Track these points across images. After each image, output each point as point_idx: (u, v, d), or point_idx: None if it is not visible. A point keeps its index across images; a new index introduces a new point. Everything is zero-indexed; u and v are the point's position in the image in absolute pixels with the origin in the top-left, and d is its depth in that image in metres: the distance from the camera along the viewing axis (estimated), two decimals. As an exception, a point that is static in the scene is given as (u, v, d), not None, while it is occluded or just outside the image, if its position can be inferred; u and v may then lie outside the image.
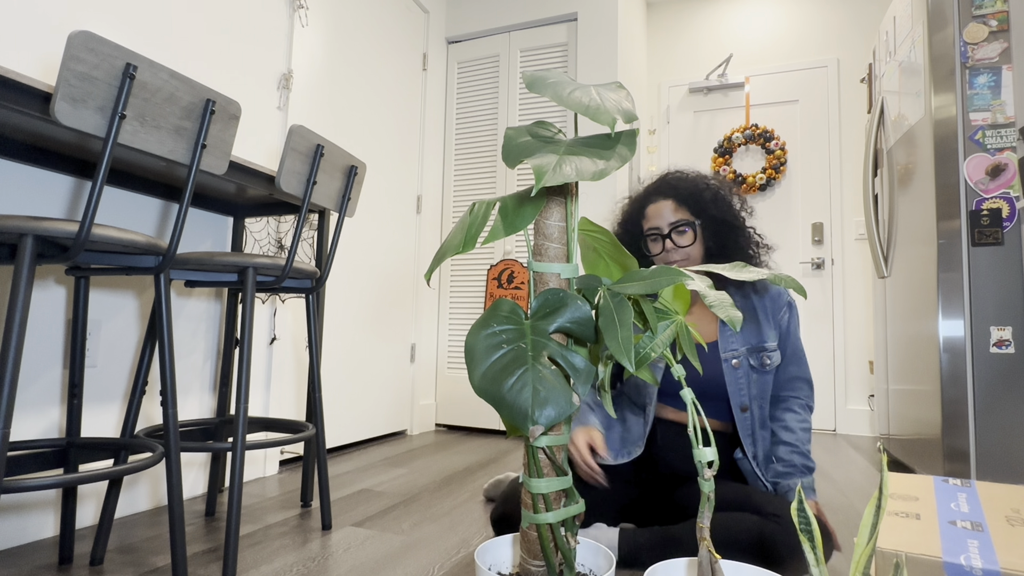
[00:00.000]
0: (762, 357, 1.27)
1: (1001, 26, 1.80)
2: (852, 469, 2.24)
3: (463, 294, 3.04)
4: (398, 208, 2.77)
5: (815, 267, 3.23)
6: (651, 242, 1.34)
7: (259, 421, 1.55)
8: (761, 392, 1.27)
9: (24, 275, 0.85)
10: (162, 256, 1.05)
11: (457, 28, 3.14)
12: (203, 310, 1.73)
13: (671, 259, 1.29)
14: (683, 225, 1.27)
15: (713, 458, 0.70)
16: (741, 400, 1.26)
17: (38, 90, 0.94)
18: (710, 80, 3.49)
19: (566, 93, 0.72)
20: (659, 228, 1.29)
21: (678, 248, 1.29)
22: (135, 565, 1.18)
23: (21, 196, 1.28)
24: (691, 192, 1.29)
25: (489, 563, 0.84)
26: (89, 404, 1.43)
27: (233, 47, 1.84)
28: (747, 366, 1.27)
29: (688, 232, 1.28)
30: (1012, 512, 0.86)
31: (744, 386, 1.27)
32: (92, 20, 1.44)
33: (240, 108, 1.13)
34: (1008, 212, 1.74)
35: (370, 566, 1.20)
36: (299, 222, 1.31)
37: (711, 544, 0.71)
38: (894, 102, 2.30)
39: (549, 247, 0.79)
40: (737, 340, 1.28)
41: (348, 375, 2.41)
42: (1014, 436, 1.69)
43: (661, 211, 1.29)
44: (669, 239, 1.29)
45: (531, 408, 0.66)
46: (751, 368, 1.27)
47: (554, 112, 2.91)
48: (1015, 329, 1.71)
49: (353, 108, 2.44)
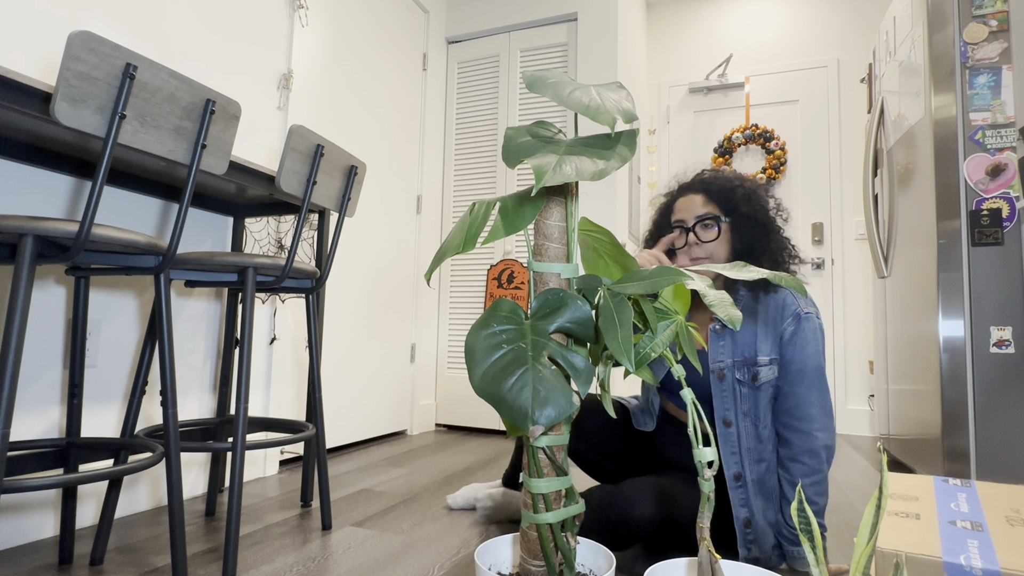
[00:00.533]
0: (753, 371, 1.17)
1: (1001, 26, 1.80)
2: (852, 469, 2.24)
3: (463, 294, 3.04)
4: (398, 208, 2.77)
5: (815, 267, 3.23)
6: (676, 236, 1.30)
7: (259, 421, 1.55)
8: (753, 408, 1.18)
9: (24, 275, 0.85)
10: (162, 256, 1.05)
11: (457, 28, 3.14)
12: (203, 310, 1.73)
13: (694, 255, 1.24)
14: (709, 219, 1.22)
15: (713, 458, 0.70)
16: (724, 414, 1.18)
17: (38, 90, 0.94)
18: (710, 80, 3.49)
19: (566, 93, 0.72)
20: (684, 221, 1.25)
21: (702, 244, 1.24)
22: (135, 565, 1.18)
23: (21, 196, 1.28)
24: (723, 188, 1.24)
25: (489, 563, 0.84)
26: (89, 404, 1.43)
27: (233, 47, 1.84)
28: (732, 379, 1.18)
29: (713, 228, 1.22)
30: (1012, 512, 0.86)
31: (729, 400, 1.18)
32: (92, 20, 1.44)
33: (240, 108, 1.13)
34: (1008, 212, 1.74)
35: (370, 566, 1.20)
36: (299, 222, 1.31)
37: (711, 544, 0.71)
38: (894, 102, 2.30)
39: (549, 247, 0.79)
40: (726, 350, 1.19)
41: (348, 375, 2.41)
42: (1014, 436, 1.69)
43: (690, 204, 1.25)
44: (693, 232, 1.24)
45: (531, 408, 0.66)
46: (738, 382, 1.18)
47: (554, 112, 2.91)
48: (1015, 329, 1.71)
49: (353, 108, 2.44)
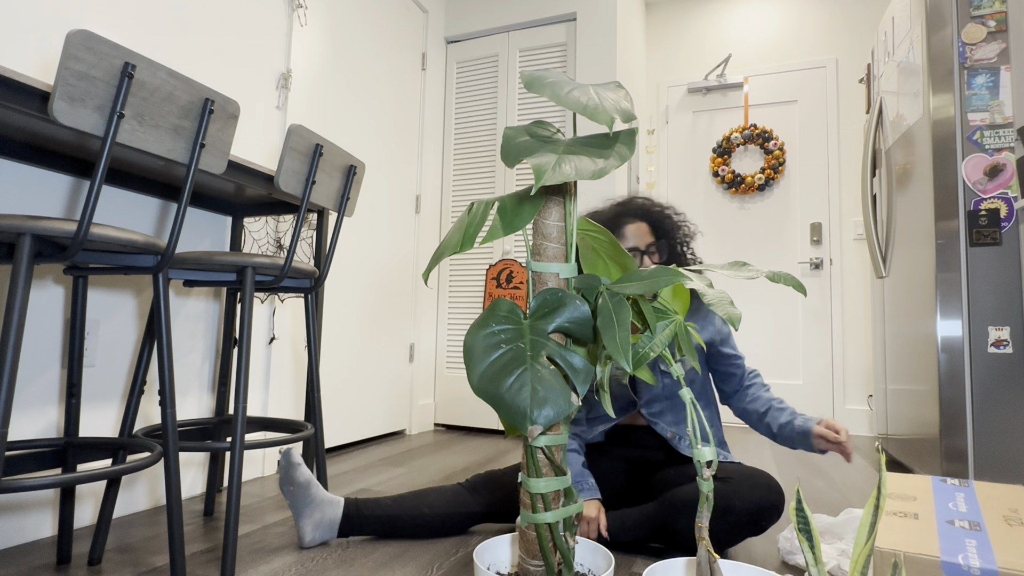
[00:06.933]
0: None
1: (999, 27, 1.80)
2: (850, 469, 2.25)
3: (462, 294, 3.04)
4: (397, 208, 2.76)
5: (814, 267, 3.23)
6: None
7: (258, 421, 1.55)
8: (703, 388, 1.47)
9: (22, 274, 0.84)
10: (160, 255, 1.04)
11: (456, 28, 3.14)
12: (202, 310, 1.73)
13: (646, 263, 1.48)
14: (654, 245, 1.48)
15: (712, 458, 0.70)
16: None
17: (36, 89, 0.94)
18: (709, 80, 3.50)
19: (564, 92, 0.72)
20: (638, 247, 1.46)
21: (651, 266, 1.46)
22: (133, 565, 1.17)
23: (19, 195, 1.28)
24: (659, 216, 1.51)
25: (488, 562, 0.84)
26: (87, 404, 1.43)
27: (232, 46, 1.83)
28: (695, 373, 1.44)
29: (656, 252, 1.49)
30: (1010, 512, 0.86)
31: None
32: (91, 19, 1.44)
33: (239, 107, 1.13)
34: (1006, 212, 1.75)
35: (370, 566, 1.20)
36: (298, 221, 1.31)
37: (710, 544, 0.71)
38: (892, 102, 2.30)
39: (548, 247, 0.79)
40: None
41: (347, 375, 2.41)
42: (1012, 436, 1.69)
43: (639, 232, 1.47)
44: (647, 256, 1.49)
45: (529, 408, 0.66)
46: None
47: (553, 112, 2.91)
48: (1013, 329, 1.71)
49: (352, 108, 2.44)
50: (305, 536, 1.28)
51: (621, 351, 0.68)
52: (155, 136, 0.97)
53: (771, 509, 1.17)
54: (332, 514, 1.29)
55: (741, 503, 1.16)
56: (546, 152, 0.71)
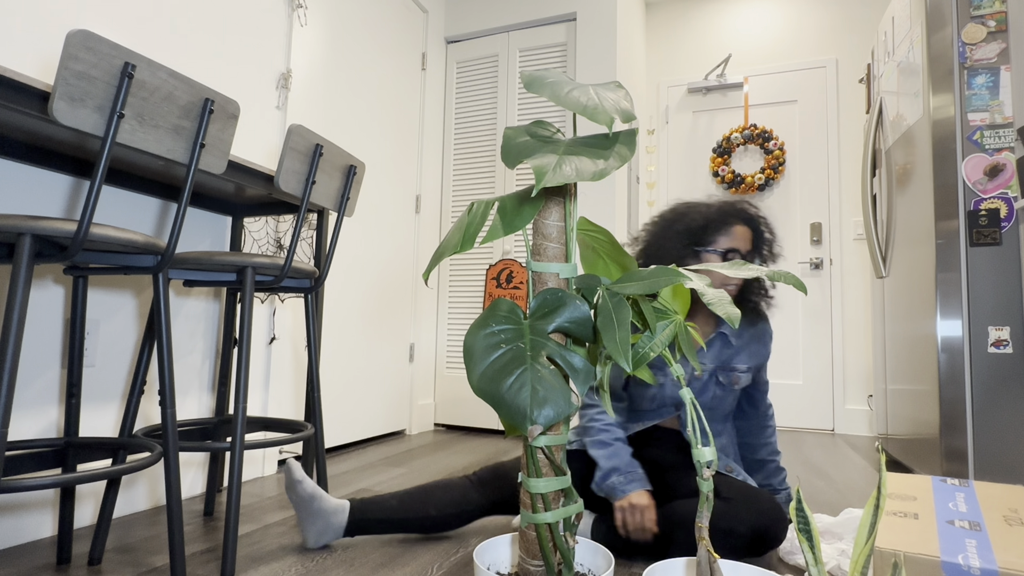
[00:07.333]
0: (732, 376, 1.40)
1: (999, 27, 1.80)
2: (850, 469, 2.25)
3: (462, 294, 3.04)
4: (397, 208, 2.76)
5: (814, 267, 3.23)
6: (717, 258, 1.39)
7: (258, 421, 1.55)
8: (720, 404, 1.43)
9: (22, 274, 0.84)
10: (160, 255, 1.04)
11: (456, 28, 3.14)
12: (202, 310, 1.73)
13: (731, 281, 1.38)
14: (751, 253, 1.40)
15: (712, 458, 0.70)
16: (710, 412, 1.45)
17: (36, 89, 0.94)
18: (709, 80, 3.50)
19: (564, 92, 0.72)
20: (739, 250, 1.37)
21: None
22: (133, 565, 1.17)
23: (19, 195, 1.28)
24: (759, 229, 1.43)
25: (488, 562, 0.84)
26: (87, 404, 1.43)
27: (232, 46, 1.83)
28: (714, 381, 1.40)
29: None
30: (1010, 512, 0.86)
31: None
32: (90, 19, 1.44)
33: (239, 107, 1.13)
34: (1006, 212, 1.75)
35: (370, 566, 1.20)
36: (298, 221, 1.31)
37: (710, 544, 0.71)
38: (892, 102, 2.30)
39: (548, 247, 0.79)
40: (707, 357, 1.40)
41: (347, 375, 2.41)
42: (1012, 436, 1.69)
43: (745, 236, 1.38)
44: None
45: (529, 408, 0.66)
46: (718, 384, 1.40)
47: (553, 112, 2.91)
48: (1013, 329, 1.71)
49: (352, 107, 2.44)
50: (309, 540, 1.28)
51: (621, 351, 0.68)
52: (155, 136, 0.97)
53: (772, 539, 1.18)
54: (337, 521, 1.29)
55: (743, 528, 1.16)
56: (546, 153, 0.71)
